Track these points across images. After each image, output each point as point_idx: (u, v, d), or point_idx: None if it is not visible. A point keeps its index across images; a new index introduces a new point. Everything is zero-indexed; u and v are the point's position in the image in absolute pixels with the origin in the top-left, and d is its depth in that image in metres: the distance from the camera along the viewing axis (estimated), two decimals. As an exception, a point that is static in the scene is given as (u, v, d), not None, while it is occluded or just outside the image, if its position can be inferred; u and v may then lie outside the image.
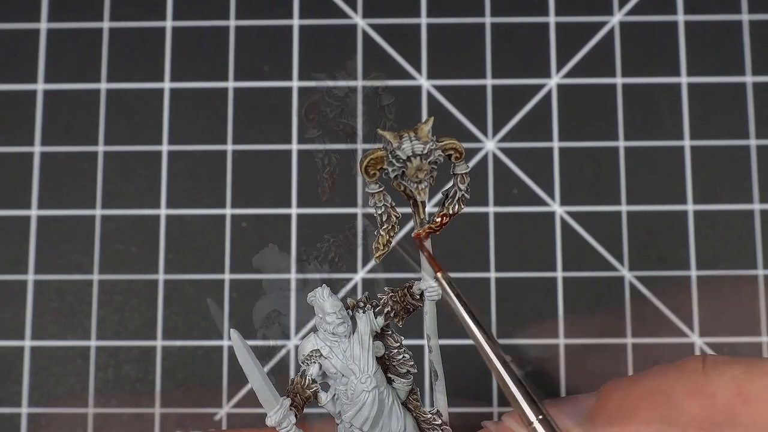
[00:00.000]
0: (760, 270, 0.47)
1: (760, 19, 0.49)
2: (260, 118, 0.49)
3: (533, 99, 0.49)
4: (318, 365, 0.26)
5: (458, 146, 0.24)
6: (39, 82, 0.49)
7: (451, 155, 0.24)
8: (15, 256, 0.48)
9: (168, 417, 0.46)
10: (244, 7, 0.50)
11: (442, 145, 0.24)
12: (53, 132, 0.49)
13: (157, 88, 0.49)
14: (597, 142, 0.48)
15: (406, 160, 0.23)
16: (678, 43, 0.49)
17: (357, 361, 0.26)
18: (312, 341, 0.27)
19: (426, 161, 0.23)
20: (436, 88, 0.49)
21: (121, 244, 0.48)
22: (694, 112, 0.48)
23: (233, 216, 0.48)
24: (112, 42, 0.50)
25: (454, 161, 0.25)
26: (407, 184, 0.24)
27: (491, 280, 0.47)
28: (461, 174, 0.25)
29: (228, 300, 0.47)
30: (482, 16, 0.50)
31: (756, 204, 0.48)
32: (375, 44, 0.49)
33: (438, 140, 0.24)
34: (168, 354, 0.47)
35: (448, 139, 0.24)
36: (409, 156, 0.23)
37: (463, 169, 0.25)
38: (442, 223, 0.25)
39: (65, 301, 0.47)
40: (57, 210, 0.48)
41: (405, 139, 0.23)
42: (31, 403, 0.47)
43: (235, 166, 0.48)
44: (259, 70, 0.49)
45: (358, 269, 0.47)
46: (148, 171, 0.49)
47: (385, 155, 0.23)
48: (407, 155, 0.23)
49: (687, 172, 0.48)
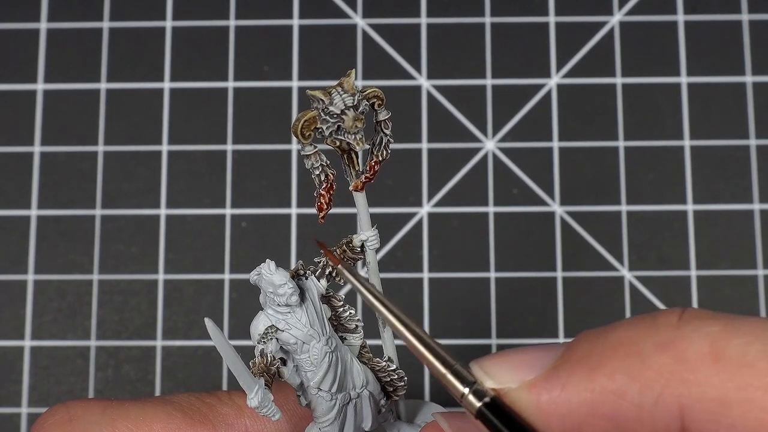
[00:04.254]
0: (760, 270, 0.47)
1: (760, 19, 0.49)
2: (260, 118, 0.49)
3: (533, 99, 0.49)
4: (275, 341, 0.26)
5: (380, 93, 0.26)
6: (39, 82, 0.49)
7: (374, 103, 0.26)
8: (15, 256, 0.48)
9: (168, 417, 0.46)
10: (244, 7, 0.50)
11: (366, 94, 0.26)
12: (53, 132, 0.49)
13: (157, 88, 0.49)
14: (597, 142, 0.48)
15: (340, 114, 0.24)
16: (678, 43, 0.49)
17: (314, 325, 0.26)
18: (263, 319, 0.27)
19: (357, 111, 0.24)
20: (436, 88, 0.49)
21: (121, 244, 0.48)
22: (694, 112, 0.48)
23: (233, 216, 0.48)
24: (112, 42, 0.50)
25: (377, 109, 0.26)
26: (344, 137, 0.25)
27: (491, 280, 0.47)
28: (384, 120, 0.27)
29: (228, 300, 0.47)
30: (482, 16, 0.50)
31: (756, 204, 0.48)
32: (375, 44, 0.49)
33: (361, 90, 0.25)
34: (168, 354, 0.47)
35: (369, 89, 0.26)
36: (342, 110, 0.24)
37: (385, 115, 0.26)
38: (375, 170, 0.26)
39: (65, 301, 0.47)
40: (57, 210, 0.48)
41: (335, 94, 0.24)
42: (31, 403, 0.47)
43: (235, 166, 0.48)
44: (259, 70, 0.49)
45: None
46: (148, 171, 0.49)
47: (317, 114, 0.24)
48: (341, 109, 0.24)
49: (687, 172, 0.48)
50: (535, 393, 0.20)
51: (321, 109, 0.25)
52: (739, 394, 0.19)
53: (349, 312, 0.28)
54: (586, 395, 0.20)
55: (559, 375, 0.20)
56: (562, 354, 0.21)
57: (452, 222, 0.48)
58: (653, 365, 0.19)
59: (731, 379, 0.19)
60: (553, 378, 0.20)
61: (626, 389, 0.19)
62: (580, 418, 0.20)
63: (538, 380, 0.20)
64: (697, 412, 0.19)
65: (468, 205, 0.48)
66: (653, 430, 0.20)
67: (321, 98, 0.25)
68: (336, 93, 0.25)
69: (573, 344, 0.21)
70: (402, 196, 0.48)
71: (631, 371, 0.19)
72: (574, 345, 0.21)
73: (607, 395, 0.20)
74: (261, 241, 0.48)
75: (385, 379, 0.29)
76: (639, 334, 0.20)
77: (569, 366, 0.20)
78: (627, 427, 0.20)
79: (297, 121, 0.25)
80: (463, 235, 0.47)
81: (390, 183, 0.48)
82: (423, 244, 0.47)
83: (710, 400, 0.19)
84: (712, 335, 0.19)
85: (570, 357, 0.20)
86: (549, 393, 0.20)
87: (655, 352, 0.19)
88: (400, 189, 0.48)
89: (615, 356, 0.20)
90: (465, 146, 0.48)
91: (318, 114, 0.25)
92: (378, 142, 0.27)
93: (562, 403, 0.20)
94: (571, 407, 0.20)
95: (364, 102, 0.25)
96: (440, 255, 0.47)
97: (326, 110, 0.25)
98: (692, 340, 0.19)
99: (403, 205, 0.48)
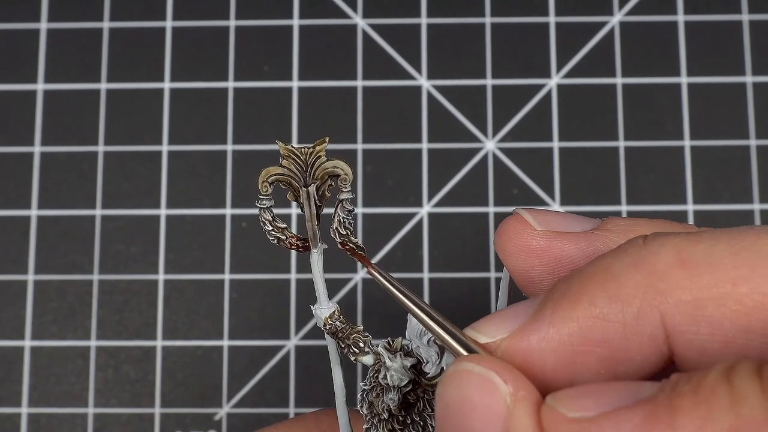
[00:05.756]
0: (760, 270, 0.47)
1: (760, 19, 0.49)
2: (260, 118, 0.49)
3: (533, 99, 0.49)
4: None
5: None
6: (39, 82, 0.49)
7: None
8: (15, 256, 0.48)
9: (168, 417, 0.46)
10: (244, 7, 0.50)
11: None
12: (53, 132, 0.49)
13: (157, 88, 0.49)
14: (597, 142, 0.48)
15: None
16: (678, 43, 0.49)
17: None
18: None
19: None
20: (436, 88, 0.49)
21: (121, 244, 0.48)
22: (694, 112, 0.48)
23: (233, 216, 0.48)
24: (112, 42, 0.50)
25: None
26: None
27: (491, 280, 0.47)
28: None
29: (228, 300, 0.47)
30: (482, 16, 0.50)
31: (756, 204, 0.48)
32: (375, 44, 0.49)
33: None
34: (168, 354, 0.47)
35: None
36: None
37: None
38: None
39: (65, 301, 0.47)
40: (57, 210, 0.48)
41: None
42: (31, 403, 0.47)
43: (235, 166, 0.48)
44: (259, 70, 0.49)
45: (358, 269, 0.47)
46: (148, 171, 0.49)
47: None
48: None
49: (687, 172, 0.48)
50: (525, 336, 0.21)
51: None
52: (711, 292, 0.19)
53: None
54: (572, 325, 0.20)
55: (544, 314, 0.21)
56: (544, 297, 0.22)
57: (452, 222, 0.48)
58: (628, 283, 0.20)
59: (701, 279, 0.20)
60: (539, 318, 0.21)
61: (608, 310, 0.20)
62: (572, 349, 0.20)
63: (525, 325, 0.21)
64: (675, 316, 0.20)
65: (468, 205, 0.48)
66: (641, 345, 0.20)
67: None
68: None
69: (552, 287, 0.22)
70: (402, 196, 0.48)
71: (609, 293, 0.20)
72: (554, 287, 0.22)
73: (592, 320, 0.20)
74: (261, 241, 0.48)
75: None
76: (610, 261, 0.21)
77: (552, 304, 0.21)
78: (617, 347, 0.20)
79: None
80: (463, 235, 0.47)
81: (390, 183, 0.48)
82: (423, 244, 0.47)
83: (685, 303, 0.20)
84: (678, 245, 0.20)
85: (551, 296, 0.21)
86: (538, 332, 0.21)
87: (628, 270, 0.20)
88: (400, 189, 0.48)
89: (592, 283, 0.21)
90: (465, 146, 0.48)
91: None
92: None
93: (552, 339, 0.21)
94: (561, 340, 0.21)
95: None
96: (440, 255, 0.48)
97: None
98: (659, 254, 0.20)
99: (403, 205, 0.48)
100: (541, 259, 0.24)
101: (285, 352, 0.47)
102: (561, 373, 0.21)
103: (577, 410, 0.19)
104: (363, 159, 0.48)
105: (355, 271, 0.47)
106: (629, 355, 0.20)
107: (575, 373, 0.21)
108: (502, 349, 0.21)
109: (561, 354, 0.21)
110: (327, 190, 0.26)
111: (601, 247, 0.24)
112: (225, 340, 0.47)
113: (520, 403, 0.19)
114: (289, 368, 0.47)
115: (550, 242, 0.24)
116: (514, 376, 0.20)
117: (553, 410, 0.19)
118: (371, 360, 0.25)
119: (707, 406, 0.17)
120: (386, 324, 0.47)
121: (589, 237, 0.24)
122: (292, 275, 0.47)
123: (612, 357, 0.20)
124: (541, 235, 0.25)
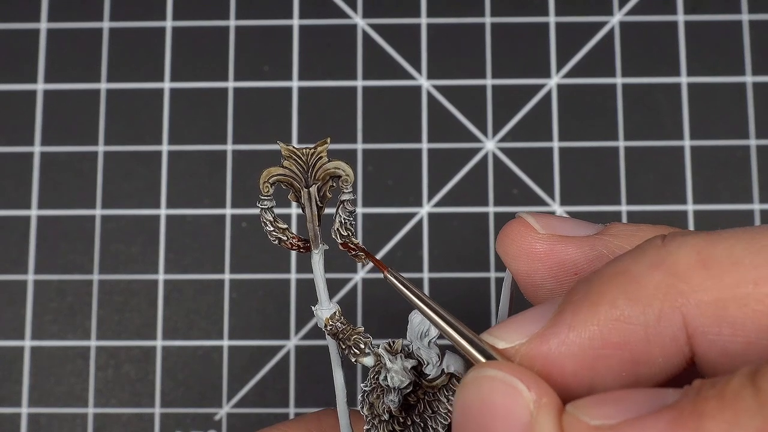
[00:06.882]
0: (760, 270, 0.47)
1: (760, 19, 0.49)
2: (260, 118, 0.49)
3: (533, 99, 0.49)
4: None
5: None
6: (39, 82, 0.49)
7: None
8: (15, 256, 0.48)
9: (168, 417, 0.46)
10: (244, 7, 0.50)
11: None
12: (53, 132, 0.49)
13: (157, 88, 0.49)
14: (597, 142, 0.48)
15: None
16: (678, 43, 0.49)
17: None
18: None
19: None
20: (436, 88, 0.49)
21: (121, 244, 0.48)
22: (694, 112, 0.48)
23: (233, 216, 0.48)
24: (112, 42, 0.50)
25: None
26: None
27: (491, 280, 0.47)
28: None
29: (228, 300, 0.47)
30: (482, 16, 0.50)
31: (756, 204, 0.48)
32: (375, 44, 0.49)
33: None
34: (168, 354, 0.47)
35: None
36: None
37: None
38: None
39: (65, 301, 0.47)
40: (57, 210, 0.48)
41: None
42: (31, 403, 0.47)
43: (235, 166, 0.48)
44: (259, 70, 0.49)
45: (358, 269, 0.47)
46: (148, 171, 0.49)
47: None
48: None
49: (687, 172, 0.48)
50: (545, 341, 0.21)
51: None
52: (732, 292, 0.19)
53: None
54: (593, 328, 0.20)
55: (563, 318, 0.21)
56: (563, 300, 0.21)
57: (452, 222, 0.48)
58: (649, 284, 0.20)
59: (722, 279, 0.19)
60: (559, 323, 0.21)
61: (629, 312, 0.20)
62: (593, 353, 0.20)
63: (544, 329, 0.21)
64: (697, 317, 0.20)
65: (468, 205, 0.48)
66: (663, 346, 0.20)
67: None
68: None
69: (571, 290, 0.21)
70: (402, 196, 0.48)
71: (629, 295, 0.20)
72: (573, 290, 0.21)
73: (613, 323, 0.20)
74: (261, 241, 0.48)
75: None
76: (630, 262, 0.21)
77: (572, 306, 0.21)
78: (638, 349, 0.20)
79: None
80: (463, 235, 0.47)
81: (390, 183, 0.48)
82: (423, 244, 0.47)
83: (707, 304, 0.19)
84: (698, 245, 0.20)
85: (571, 299, 0.21)
86: (557, 337, 0.20)
87: (649, 272, 0.20)
88: (400, 189, 0.48)
89: (612, 286, 0.20)
90: (465, 146, 0.48)
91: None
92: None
93: (572, 343, 0.20)
94: (582, 344, 0.20)
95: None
96: (440, 255, 0.48)
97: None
98: (679, 254, 0.20)
99: (403, 205, 0.48)
100: (544, 262, 0.24)
101: (285, 352, 0.47)
102: (581, 377, 0.20)
103: (600, 418, 0.19)
104: (363, 159, 0.48)
105: (356, 272, 0.47)
106: (651, 357, 0.20)
107: (595, 377, 0.20)
108: (521, 355, 0.21)
109: (581, 358, 0.20)
110: (328, 190, 0.26)
111: (605, 251, 0.23)
112: (225, 340, 0.47)
113: (543, 410, 0.19)
114: (289, 368, 0.47)
115: (553, 246, 0.24)
116: (536, 382, 0.20)
117: (575, 418, 0.19)
118: (372, 361, 0.25)
119: (733, 409, 0.17)
120: (386, 324, 0.47)
121: (592, 241, 0.24)
122: (292, 275, 0.47)
123: (633, 360, 0.20)
124: (545, 238, 0.24)
